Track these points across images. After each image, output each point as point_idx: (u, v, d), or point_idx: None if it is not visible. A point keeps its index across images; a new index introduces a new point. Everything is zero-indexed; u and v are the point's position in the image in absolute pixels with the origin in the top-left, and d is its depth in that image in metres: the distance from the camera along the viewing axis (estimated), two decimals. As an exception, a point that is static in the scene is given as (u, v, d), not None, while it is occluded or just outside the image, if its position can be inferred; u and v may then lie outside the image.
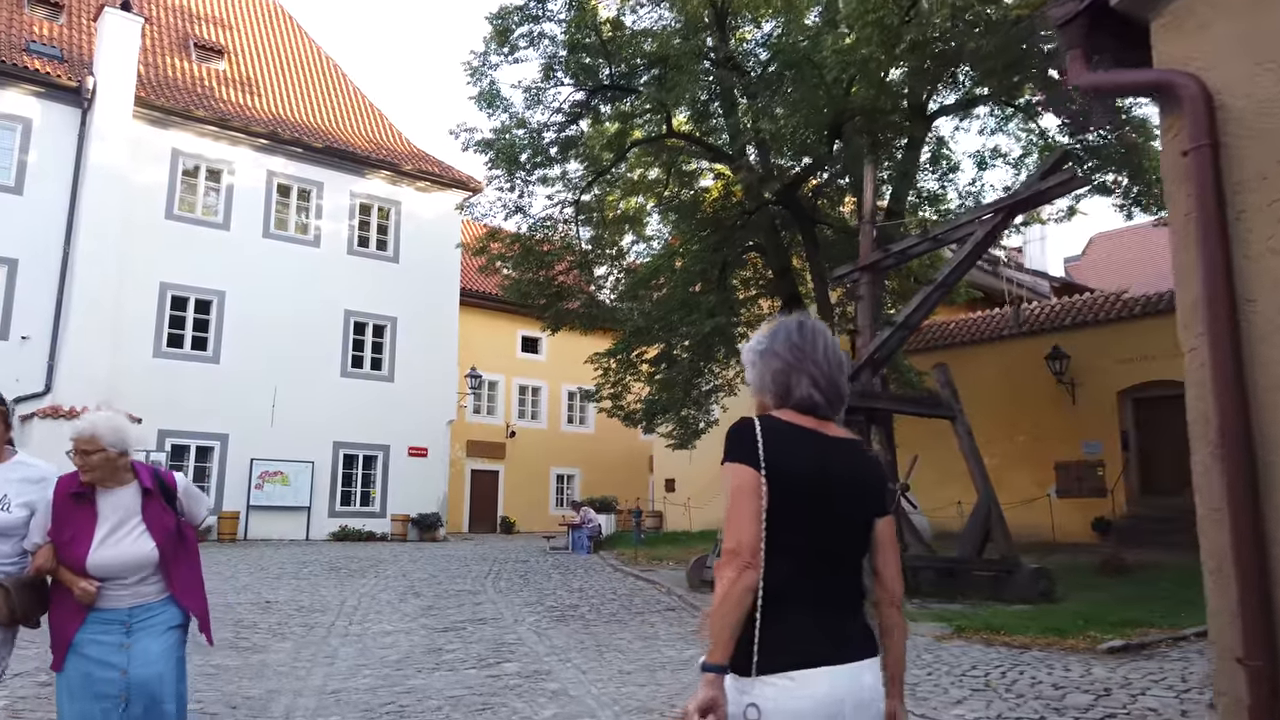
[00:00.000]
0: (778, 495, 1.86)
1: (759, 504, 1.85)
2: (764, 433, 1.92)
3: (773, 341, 2.07)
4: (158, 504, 3.21)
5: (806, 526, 1.89)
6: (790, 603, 1.86)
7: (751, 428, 1.94)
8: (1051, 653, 6.81)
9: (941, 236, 10.87)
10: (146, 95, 21.27)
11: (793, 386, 2.01)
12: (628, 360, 19.11)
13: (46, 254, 19.47)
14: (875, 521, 2.02)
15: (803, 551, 1.89)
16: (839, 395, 2.05)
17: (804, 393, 2.00)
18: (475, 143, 15.63)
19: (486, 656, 7.06)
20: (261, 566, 14.30)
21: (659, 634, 8.16)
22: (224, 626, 8.31)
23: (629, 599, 10.83)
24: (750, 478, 1.87)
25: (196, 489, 3.52)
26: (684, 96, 13.77)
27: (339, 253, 23.79)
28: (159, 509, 3.20)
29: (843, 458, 1.99)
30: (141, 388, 19.72)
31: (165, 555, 3.16)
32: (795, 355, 2.02)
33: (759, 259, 19.31)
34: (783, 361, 2.03)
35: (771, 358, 2.05)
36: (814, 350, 2.03)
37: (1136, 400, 18.21)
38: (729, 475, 1.91)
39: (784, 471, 1.88)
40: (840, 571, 1.95)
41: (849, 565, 1.97)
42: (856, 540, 2.00)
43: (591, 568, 15.21)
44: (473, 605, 10.27)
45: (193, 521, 3.42)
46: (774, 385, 2.04)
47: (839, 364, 2.06)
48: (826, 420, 2.02)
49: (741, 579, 1.82)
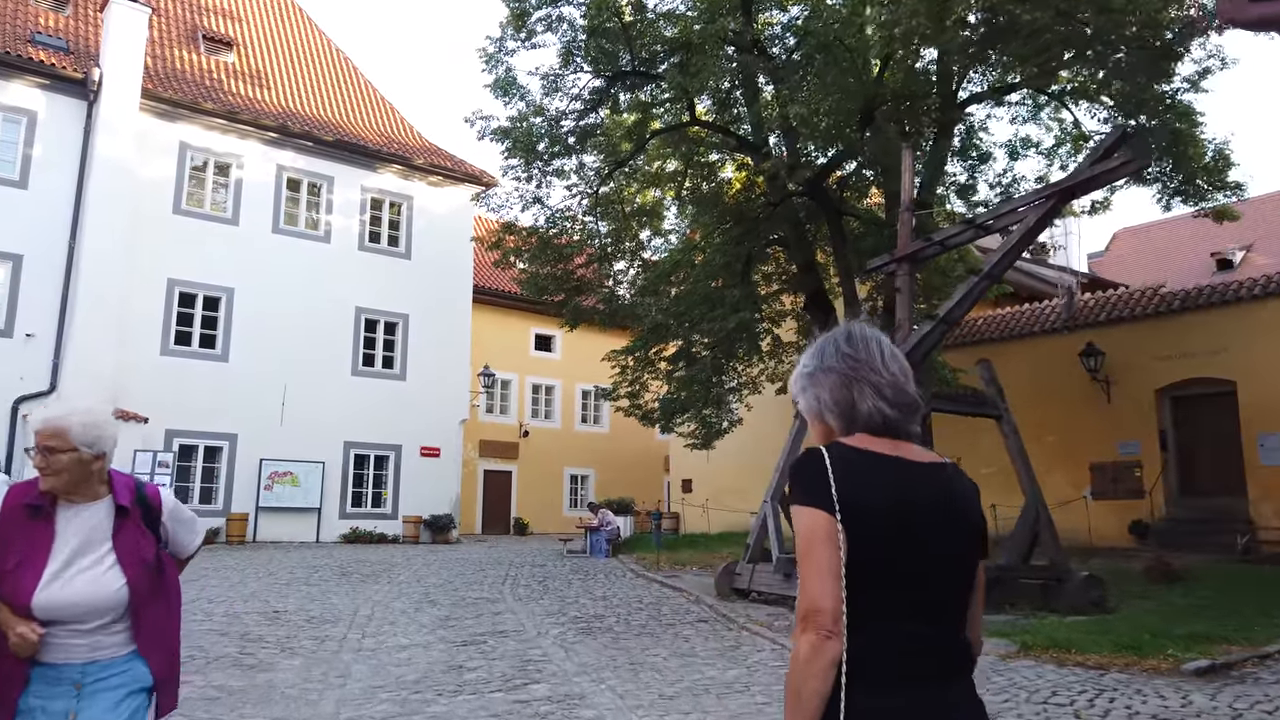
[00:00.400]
0: (858, 541, 1.57)
1: (836, 555, 1.55)
2: (835, 465, 1.62)
3: (822, 358, 1.79)
4: (135, 527, 2.50)
5: (897, 577, 1.59)
6: (881, 676, 1.56)
7: (819, 461, 1.64)
8: (1133, 675, 6.21)
9: (988, 224, 10.26)
10: (154, 87, 20.82)
11: (856, 401, 1.72)
12: (646, 358, 18.61)
13: (52, 249, 19.04)
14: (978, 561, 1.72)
15: (894, 609, 1.59)
16: (911, 406, 1.74)
17: (870, 406, 1.70)
18: (491, 131, 15.07)
19: (512, 676, 6.50)
20: (270, 572, 13.80)
21: (696, 650, 7.58)
22: (229, 640, 7.79)
23: (656, 608, 10.26)
24: (824, 524, 1.57)
25: (189, 512, 2.79)
26: (708, 82, 13.19)
27: (350, 248, 23.30)
28: (136, 534, 2.49)
29: (934, 486, 1.68)
30: (148, 386, 19.31)
31: (137, 596, 2.44)
32: (850, 365, 1.74)
33: (781, 253, 18.75)
34: (838, 375, 1.74)
35: (824, 375, 1.77)
36: (871, 357, 1.75)
37: (1175, 398, 17.55)
38: (798, 519, 1.62)
39: (863, 511, 1.58)
40: (941, 626, 1.65)
41: (950, 617, 1.66)
42: (958, 586, 1.69)
43: (612, 573, 14.66)
44: (492, 615, 9.72)
45: (180, 553, 2.71)
46: (835, 404, 1.74)
47: (904, 370, 1.77)
48: (905, 441, 1.72)
49: (822, 652, 1.52)
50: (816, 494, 1.59)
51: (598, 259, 17.24)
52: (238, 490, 20.62)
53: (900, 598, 1.59)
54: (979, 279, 10.30)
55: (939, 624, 1.64)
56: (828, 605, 1.53)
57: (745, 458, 22.74)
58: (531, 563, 16.44)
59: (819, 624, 1.52)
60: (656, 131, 15.68)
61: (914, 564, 1.60)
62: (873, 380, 1.71)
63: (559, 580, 13.47)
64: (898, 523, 1.60)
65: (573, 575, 14.23)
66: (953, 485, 1.71)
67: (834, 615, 1.53)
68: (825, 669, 1.52)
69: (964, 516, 1.69)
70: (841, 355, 1.76)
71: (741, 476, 23.51)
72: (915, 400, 1.75)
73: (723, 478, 24.12)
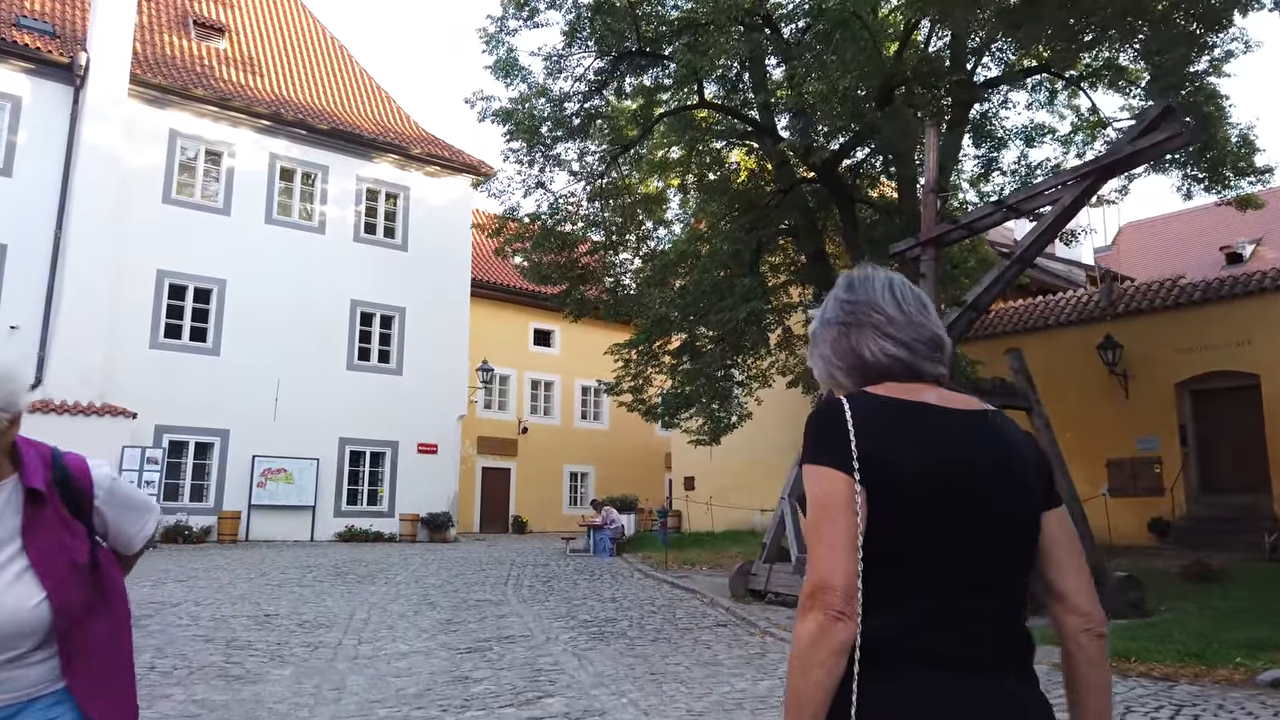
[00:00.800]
0: (885, 505, 1.34)
1: (853, 523, 1.33)
2: (855, 416, 1.40)
3: (823, 314, 1.61)
4: (56, 517, 1.81)
5: (936, 546, 1.35)
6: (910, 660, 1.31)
7: (837, 411, 1.42)
8: (1205, 686, 5.67)
9: (1018, 205, 9.71)
10: (143, 73, 20.21)
11: (857, 348, 1.52)
12: (650, 351, 18.10)
13: (37, 239, 18.43)
14: (1041, 518, 1.45)
15: (932, 582, 1.35)
16: (930, 342, 1.52)
17: (875, 351, 1.50)
18: (493, 113, 14.49)
19: (523, 688, 5.94)
20: (262, 572, 13.22)
21: (719, 658, 7.02)
22: (214, 647, 7.22)
23: (670, 611, 9.71)
24: (840, 486, 1.36)
25: (132, 490, 2.10)
26: (719, 60, 12.62)
27: (345, 240, 22.72)
28: (58, 527, 1.80)
29: (978, 437, 1.44)
30: (138, 380, 18.77)
31: (66, 613, 1.75)
32: (848, 312, 1.55)
33: (790, 244, 18.23)
34: (837, 325, 1.56)
35: (825, 330, 1.58)
36: (871, 296, 1.54)
37: (1195, 392, 17.05)
38: (809, 482, 1.40)
39: (891, 468, 1.36)
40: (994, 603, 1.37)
41: (1006, 592, 1.40)
42: (1015, 555, 1.42)
43: (619, 573, 14.11)
44: (496, 619, 9.16)
45: (126, 548, 2.00)
46: (839, 359, 1.55)
47: (918, 303, 1.54)
48: (931, 384, 1.50)
49: (830, 634, 1.29)
50: (832, 450, 1.37)
51: (603, 247, 16.67)
52: (230, 488, 20.04)
53: (940, 570, 1.35)
54: (1009, 264, 9.76)
55: (990, 600, 1.37)
56: (838, 581, 1.30)
57: (750, 454, 22.23)
58: (534, 562, 15.88)
59: (827, 603, 1.29)
60: (664, 114, 15.12)
61: (959, 529, 1.36)
62: (873, 320, 1.51)
63: (564, 580, 12.92)
64: (935, 481, 1.36)
65: (578, 575, 13.68)
66: (1002, 435, 1.46)
67: (846, 593, 1.30)
68: (832, 655, 1.29)
69: (1018, 472, 1.43)
70: (839, 304, 1.57)
71: (746, 473, 23.00)
72: (935, 335, 1.51)
73: (726, 475, 23.61)
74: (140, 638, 7.55)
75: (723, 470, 23.59)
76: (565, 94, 14.62)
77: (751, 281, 14.84)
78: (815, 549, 1.34)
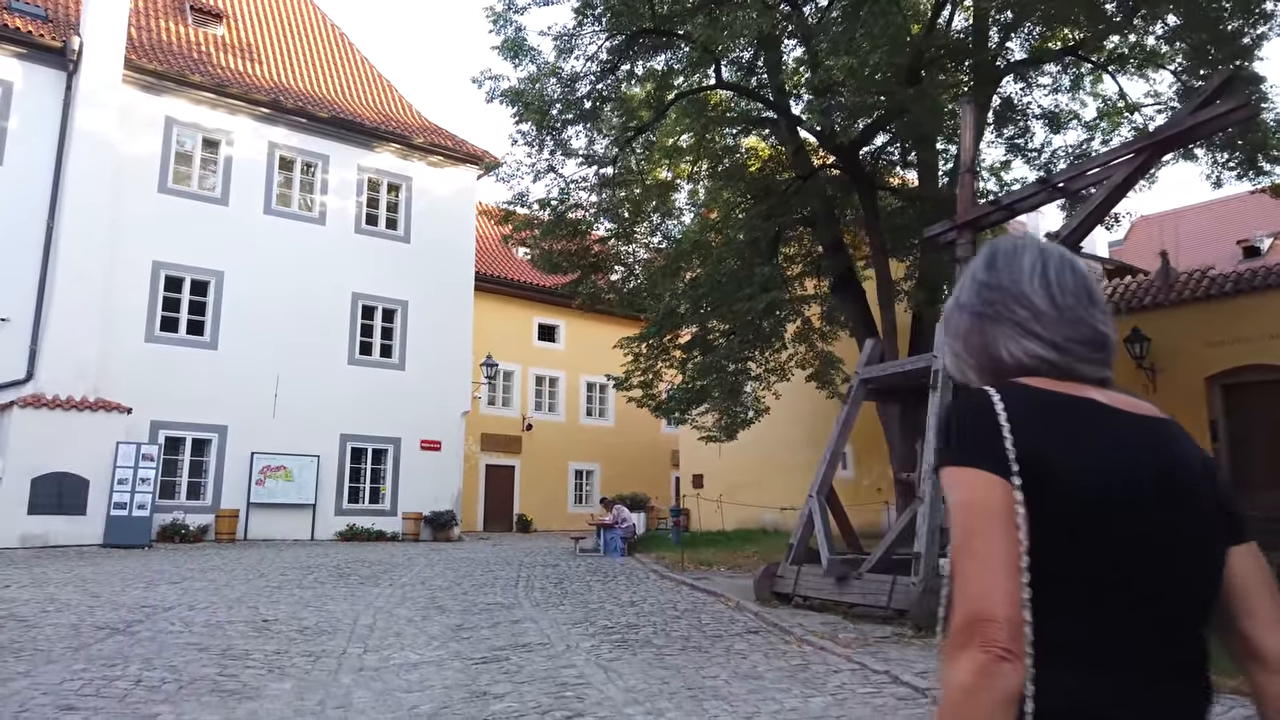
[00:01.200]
0: (1051, 520, 1.09)
1: (1014, 539, 1.07)
2: (1011, 409, 1.14)
3: (957, 298, 1.31)
4: None
5: (1113, 572, 1.09)
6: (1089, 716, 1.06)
7: (986, 403, 1.15)
8: None
9: (1065, 184, 9.12)
10: (138, 58, 19.63)
11: (991, 346, 1.24)
12: (661, 345, 17.55)
13: (28, 228, 17.86)
14: (1226, 552, 1.18)
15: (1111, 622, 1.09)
16: (1095, 342, 1.23)
17: (1015, 353, 1.22)
18: (501, 93, 13.90)
19: (549, 706, 5.36)
20: (261, 573, 12.65)
21: (759, 670, 6.44)
22: (208, 658, 6.64)
23: (694, 616, 9.13)
24: (996, 493, 1.09)
25: None
26: (740, 34, 12.03)
27: (346, 231, 22.13)
28: None
29: (1158, 443, 1.17)
30: (132, 375, 18.22)
31: None
32: (986, 299, 1.25)
33: (805, 234, 17.67)
34: (970, 314, 1.27)
35: (958, 316, 1.29)
36: (1017, 280, 1.23)
37: (1226, 386, 16.48)
38: (953, 489, 1.13)
39: (1058, 472, 1.10)
40: (1183, 656, 1.12)
41: (1195, 644, 1.14)
42: (1203, 591, 1.15)
43: (633, 574, 13.53)
44: (510, 624, 8.59)
45: None
46: (970, 355, 1.28)
47: (1078, 290, 1.23)
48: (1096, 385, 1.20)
49: (995, 678, 1.01)
50: (983, 449, 1.12)
51: (614, 235, 16.09)
52: (228, 485, 19.48)
53: (1120, 605, 1.10)
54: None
55: (1182, 651, 1.13)
56: (1001, 610, 1.04)
57: (761, 451, 21.69)
58: (543, 562, 15.31)
59: (988, 638, 1.02)
60: (679, 95, 14.52)
61: (1143, 557, 1.11)
62: (1016, 316, 1.23)
63: (577, 582, 12.34)
64: (1114, 494, 1.11)
65: (590, 577, 13.10)
66: (1187, 448, 1.21)
67: (1011, 626, 1.03)
68: (997, 707, 1.01)
69: (1208, 494, 1.18)
70: (976, 288, 1.29)
71: (757, 470, 22.46)
72: (1097, 334, 1.23)
73: (736, 472, 23.07)
74: (129, 646, 6.98)
75: (732, 467, 23.05)
76: (576, 74, 14.03)
77: (771, 270, 14.25)
78: (967, 570, 1.08)
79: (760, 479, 22.19)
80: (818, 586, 9.48)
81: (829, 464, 10.26)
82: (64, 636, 7.31)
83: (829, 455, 10.31)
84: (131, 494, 17.00)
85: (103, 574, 11.95)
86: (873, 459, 19.45)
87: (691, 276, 16.77)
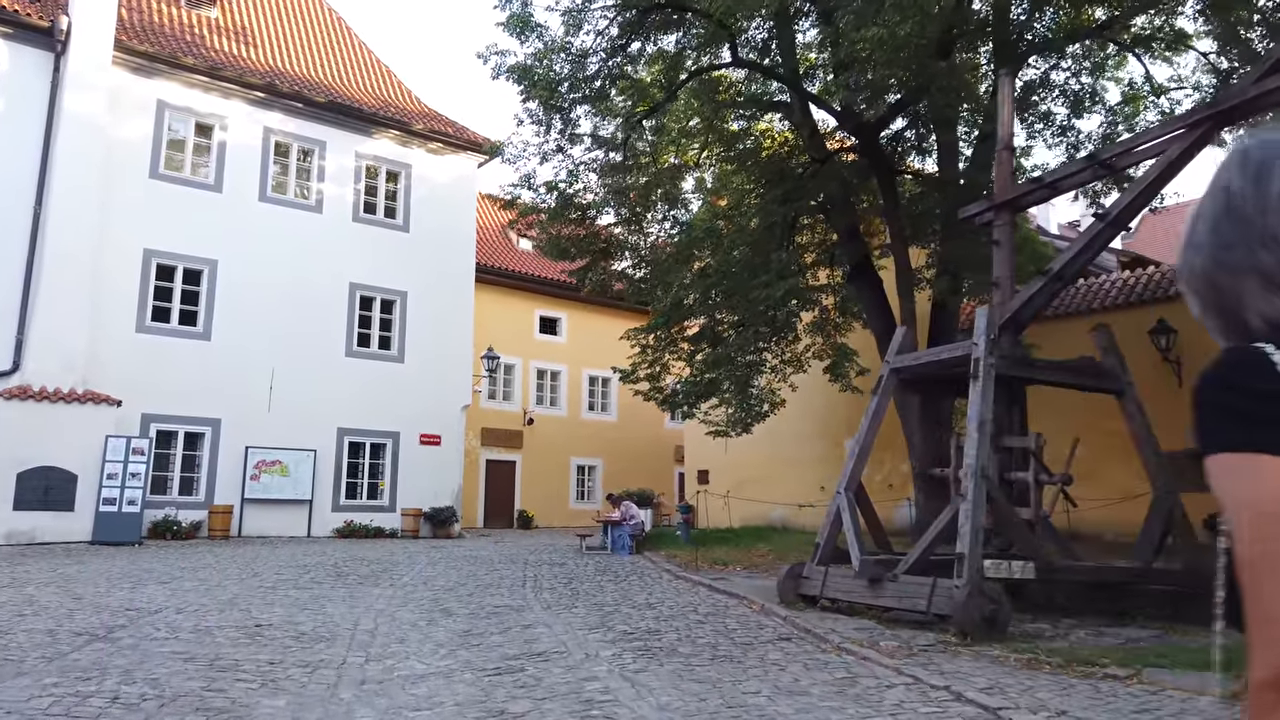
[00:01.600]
0: None
1: None
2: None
3: (1192, 231, 0.98)
4: None
5: None
6: None
7: (1265, 366, 0.86)
8: None
9: (1113, 161, 8.55)
10: (128, 39, 18.97)
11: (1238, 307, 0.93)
12: (669, 336, 16.98)
13: (14, 214, 17.24)
14: None
15: None
16: None
17: (1265, 312, 0.92)
18: (508, 69, 13.28)
19: (575, 728, 4.78)
20: (255, 572, 12.05)
21: (802, 684, 5.86)
22: (195, 668, 6.05)
23: (719, 621, 8.55)
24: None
25: None
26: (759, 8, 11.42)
27: (343, 219, 21.51)
28: None
29: None
30: (122, 366, 17.61)
31: None
32: (1223, 239, 0.94)
33: (819, 222, 17.09)
34: (1208, 255, 0.96)
35: (1195, 256, 0.97)
36: (1266, 210, 0.92)
37: (1256, 380, 15.95)
38: (1234, 482, 0.85)
39: None
40: None
41: None
42: None
43: (644, 573, 12.95)
44: (521, 629, 8.01)
45: None
46: (1204, 311, 0.97)
47: None
48: None
49: None
50: (1258, 429, 0.84)
51: (623, 222, 15.49)
52: (221, 480, 18.87)
53: None
54: (1102, 226, 8.60)
55: None
56: None
57: (770, 446, 21.12)
58: (549, 561, 14.73)
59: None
60: (692, 74, 13.91)
61: None
62: (1261, 265, 0.91)
63: (587, 583, 11.76)
64: None
65: (601, 577, 12.52)
66: None
67: None
68: None
69: None
70: (1217, 217, 0.95)
71: (765, 465, 21.90)
72: None
73: (743, 468, 22.50)
74: (108, 655, 6.39)
75: (740, 463, 22.48)
76: (585, 51, 13.41)
77: (787, 257, 13.66)
78: (1269, 596, 0.79)
79: (768, 474, 21.63)
80: (848, 589, 8.91)
81: (857, 458, 9.68)
82: (38, 644, 6.72)
83: (858, 449, 9.73)
84: (121, 489, 16.40)
85: (88, 573, 11.35)
86: (884, 453, 18.88)
87: (700, 265, 16.22)
